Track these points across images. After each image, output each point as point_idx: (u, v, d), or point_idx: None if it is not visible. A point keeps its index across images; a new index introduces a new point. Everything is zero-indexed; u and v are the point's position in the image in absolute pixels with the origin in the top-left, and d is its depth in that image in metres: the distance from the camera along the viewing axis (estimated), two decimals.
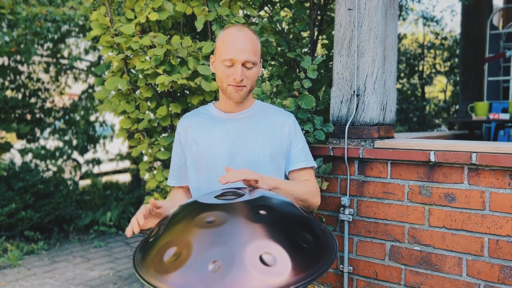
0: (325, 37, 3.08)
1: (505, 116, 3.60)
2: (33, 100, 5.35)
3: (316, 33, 2.74)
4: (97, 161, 6.17)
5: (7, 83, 5.05)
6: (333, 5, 2.83)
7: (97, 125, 6.11)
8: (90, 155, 6.16)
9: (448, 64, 9.85)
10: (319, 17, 2.82)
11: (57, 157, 5.30)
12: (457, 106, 7.32)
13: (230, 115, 1.51)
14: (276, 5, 2.92)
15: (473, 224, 1.73)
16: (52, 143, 5.75)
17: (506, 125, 4.12)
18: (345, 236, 2.04)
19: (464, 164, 1.74)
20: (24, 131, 4.78)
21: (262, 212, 1.05)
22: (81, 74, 6.13)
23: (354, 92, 2.06)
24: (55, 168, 5.24)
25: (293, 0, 2.86)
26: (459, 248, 1.76)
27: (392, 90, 2.18)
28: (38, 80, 5.49)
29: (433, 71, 9.95)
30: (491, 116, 3.63)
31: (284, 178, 1.55)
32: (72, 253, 4.01)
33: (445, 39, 10.24)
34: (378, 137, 2.02)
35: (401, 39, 9.61)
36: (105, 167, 7.69)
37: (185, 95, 2.48)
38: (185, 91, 2.46)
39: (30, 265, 3.65)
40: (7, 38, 4.61)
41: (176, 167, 1.61)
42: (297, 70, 2.71)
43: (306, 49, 2.87)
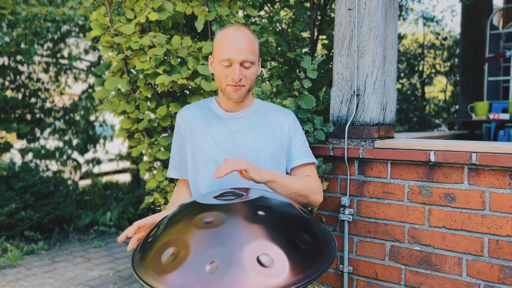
0: (325, 37, 3.07)
1: (505, 116, 3.60)
2: (33, 100, 5.35)
3: (316, 33, 2.74)
4: (97, 161, 6.17)
5: (7, 83, 5.06)
6: (333, 5, 2.83)
7: (97, 125, 6.12)
8: (90, 155, 6.17)
9: (448, 64, 9.85)
10: (319, 17, 2.82)
11: (57, 157, 5.30)
12: (457, 106, 7.32)
13: (230, 113, 1.50)
14: (276, 5, 2.92)
15: (473, 224, 1.73)
16: (52, 143, 5.76)
17: (506, 125, 4.12)
18: (345, 236, 2.04)
19: (464, 164, 1.73)
20: (24, 131, 4.78)
21: (260, 213, 1.04)
22: (81, 74, 6.13)
23: (354, 92, 2.06)
24: (55, 167, 5.24)
25: (293, 0, 2.86)
26: (459, 248, 1.76)
27: (392, 90, 2.17)
28: (38, 80, 5.49)
29: (433, 71, 9.95)
30: (491, 116, 3.62)
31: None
32: (72, 253, 4.01)
33: (445, 39, 10.24)
34: (378, 137, 2.02)
35: (401, 39, 9.61)
36: (105, 167, 7.69)
37: (185, 95, 2.48)
38: (185, 91, 2.46)
39: (30, 265, 3.65)
40: (7, 38, 4.61)
41: (177, 158, 1.58)
42: (297, 70, 2.71)
43: (306, 49, 2.87)
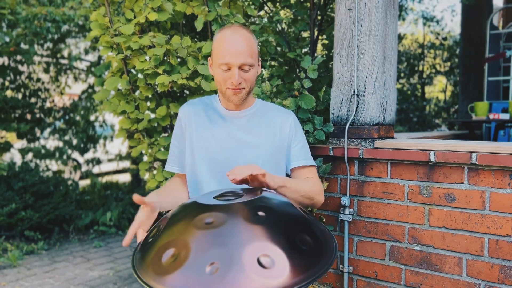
0: (325, 37, 3.07)
1: (505, 116, 3.59)
2: (33, 100, 5.35)
3: (316, 33, 2.73)
4: (97, 161, 6.17)
5: (7, 83, 5.06)
6: (333, 5, 2.82)
7: (97, 125, 6.12)
8: (90, 155, 6.16)
9: (448, 64, 9.85)
10: (319, 17, 2.82)
11: (57, 157, 5.30)
12: (457, 106, 7.32)
13: (231, 113, 1.51)
14: (276, 5, 2.92)
15: (473, 224, 1.73)
16: (52, 143, 5.76)
17: (506, 125, 4.11)
18: (345, 236, 2.04)
19: (464, 164, 1.73)
20: (24, 130, 4.78)
21: (261, 213, 1.04)
22: (81, 74, 6.13)
23: (354, 92, 2.06)
24: (55, 167, 5.24)
25: (293, 0, 2.86)
26: (459, 248, 1.76)
27: (392, 90, 2.17)
28: (38, 80, 5.49)
29: (433, 71, 9.94)
30: (491, 116, 3.62)
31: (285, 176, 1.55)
32: (72, 253, 4.01)
33: (445, 39, 10.24)
34: (378, 137, 2.02)
35: (401, 39, 9.60)
36: (105, 167, 7.69)
37: (185, 95, 2.48)
38: (184, 91, 2.46)
39: (30, 265, 3.65)
40: (7, 38, 4.60)
41: (177, 151, 1.55)
42: (297, 70, 2.71)
43: (306, 49, 2.87)
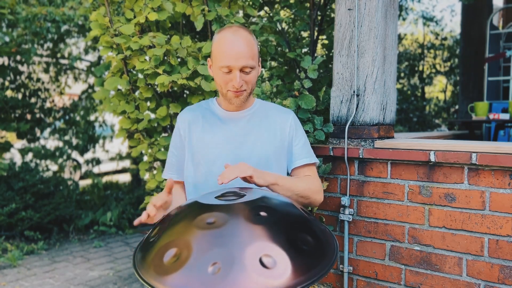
0: (325, 37, 3.08)
1: (505, 116, 3.60)
2: (33, 100, 5.35)
3: (316, 33, 2.74)
4: (97, 161, 6.17)
5: (7, 83, 5.06)
6: (333, 5, 2.83)
7: (97, 125, 6.11)
8: (90, 155, 6.16)
9: (448, 64, 9.85)
10: (319, 17, 2.82)
11: (57, 157, 5.30)
12: (457, 106, 7.32)
13: (230, 114, 1.50)
14: (276, 5, 2.92)
15: (473, 224, 1.73)
16: (52, 143, 5.76)
17: (506, 125, 4.12)
18: (345, 236, 2.04)
19: (464, 164, 1.74)
20: (24, 129, 4.78)
21: (262, 214, 1.04)
22: (81, 74, 6.13)
23: (354, 92, 2.06)
24: (55, 167, 5.24)
25: (293, 0, 2.86)
26: (459, 248, 1.76)
27: (392, 90, 2.18)
28: (38, 80, 5.49)
29: (433, 71, 9.95)
30: (491, 116, 3.62)
31: (287, 175, 1.55)
32: (72, 253, 4.01)
33: (445, 39, 10.24)
34: (378, 137, 2.02)
35: (401, 39, 9.61)
36: (105, 167, 7.69)
37: (185, 95, 2.48)
38: (185, 91, 2.46)
39: (30, 265, 3.65)
40: (7, 38, 4.60)
41: (175, 160, 1.56)
42: (297, 70, 2.71)
43: (306, 49, 2.87)
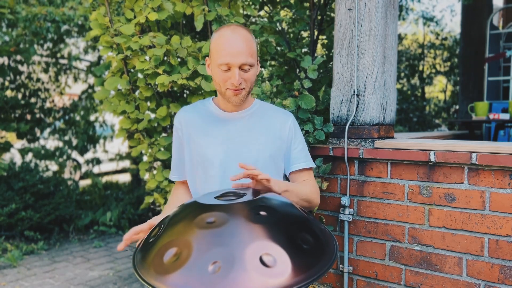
0: (325, 37, 3.08)
1: (505, 116, 3.60)
2: (33, 100, 5.35)
3: (316, 33, 2.74)
4: (97, 161, 6.17)
5: (7, 83, 5.06)
6: (333, 5, 2.82)
7: (97, 125, 6.11)
8: (90, 155, 6.16)
9: (448, 64, 9.85)
10: (319, 17, 2.82)
11: (57, 157, 5.30)
12: (457, 106, 7.33)
13: (229, 114, 1.49)
14: (276, 5, 2.92)
15: (473, 224, 1.73)
16: (52, 143, 5.76)
17: (506, 125, 4.12)
18: (345, 236, 2.04)
19: (464, 164, 1.74)
20: (24, 130, 4.78)
21: (262, 213, 1.04)
22: (81, 74, 6.13)
23: (354, 92, 2.06)
24: (55, 168, 5.24)
25: (293, 0, 2.86)
26: (459, 248, 1.76)
27: (392, 90, 2.18)
28: (38, 80, 5.49)
29: (433, 71, 9.95)
30: (491, 116, 3.62)
31: (284, 178, 1.55)
32: (72, 253, 4.01)
33: (445, 39, 10.25)
34: (378, 137, 2.02)
35: (401, 39, 9.61)
36: (105, 167, 7.69)
37: (185, 95, 2.48)
38: (185, 91, 2.46)
39: (30, 265, 3.65)
40: (7, 38, 4.61)
41: (177, 161, 1.60)
42: (297, 70, 2.71)
43: (306, 49, 2.87)
